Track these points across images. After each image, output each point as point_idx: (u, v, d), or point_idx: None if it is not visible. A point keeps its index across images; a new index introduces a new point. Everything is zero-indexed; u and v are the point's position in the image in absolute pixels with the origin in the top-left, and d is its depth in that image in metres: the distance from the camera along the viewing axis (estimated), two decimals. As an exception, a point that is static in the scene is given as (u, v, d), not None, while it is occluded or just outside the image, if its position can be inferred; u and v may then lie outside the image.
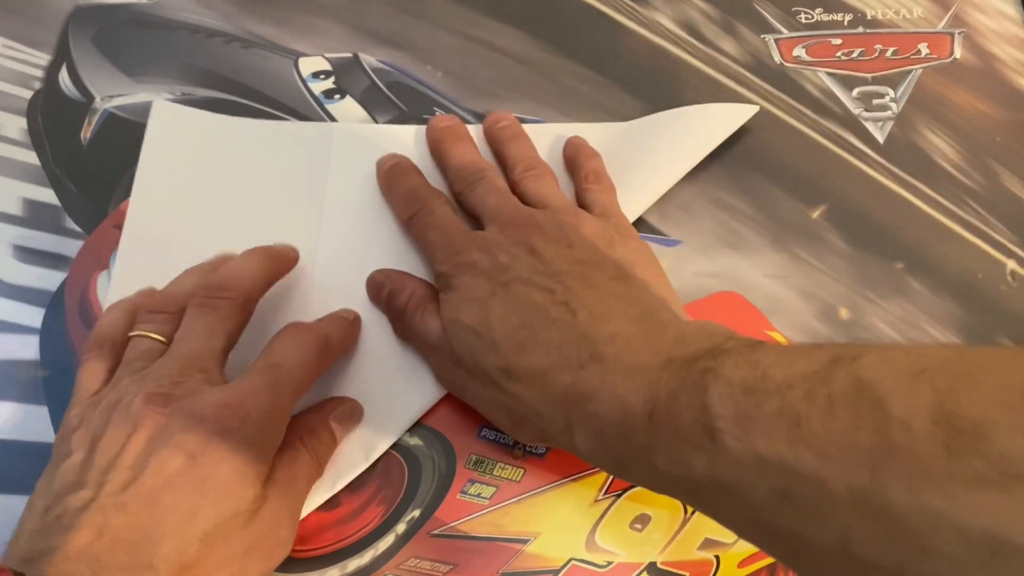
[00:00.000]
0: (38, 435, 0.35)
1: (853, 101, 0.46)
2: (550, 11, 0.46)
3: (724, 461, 0.23)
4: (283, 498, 0.30)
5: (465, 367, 0.33)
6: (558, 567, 0.35)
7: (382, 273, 0.38)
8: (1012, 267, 0.43)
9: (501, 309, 0.32)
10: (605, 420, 0.27)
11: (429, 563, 0.34)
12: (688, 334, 0.28)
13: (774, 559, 0.27)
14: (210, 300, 0.32)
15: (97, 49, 0.43)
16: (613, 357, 0.28)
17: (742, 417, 0.23)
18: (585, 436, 0.29)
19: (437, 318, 0.34)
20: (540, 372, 0.30)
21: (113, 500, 0.26)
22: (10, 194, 0.39)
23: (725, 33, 0.47)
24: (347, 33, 0.44)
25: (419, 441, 0.36)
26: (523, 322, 0.31)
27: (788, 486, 0.22)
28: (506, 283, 0.32)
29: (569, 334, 0.30)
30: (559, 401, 0.29)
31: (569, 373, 0.29)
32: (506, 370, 0.31)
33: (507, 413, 0.33)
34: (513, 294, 0.32)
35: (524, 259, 0.33)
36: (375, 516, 0.35)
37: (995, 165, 0.45)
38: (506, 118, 0.41)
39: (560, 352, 0.30)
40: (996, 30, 0.49)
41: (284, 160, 0.40)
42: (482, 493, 0.35)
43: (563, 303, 0.31)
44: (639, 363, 0.28)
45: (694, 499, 0.26)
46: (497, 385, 0.31)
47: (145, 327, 0.32)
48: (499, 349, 0.31)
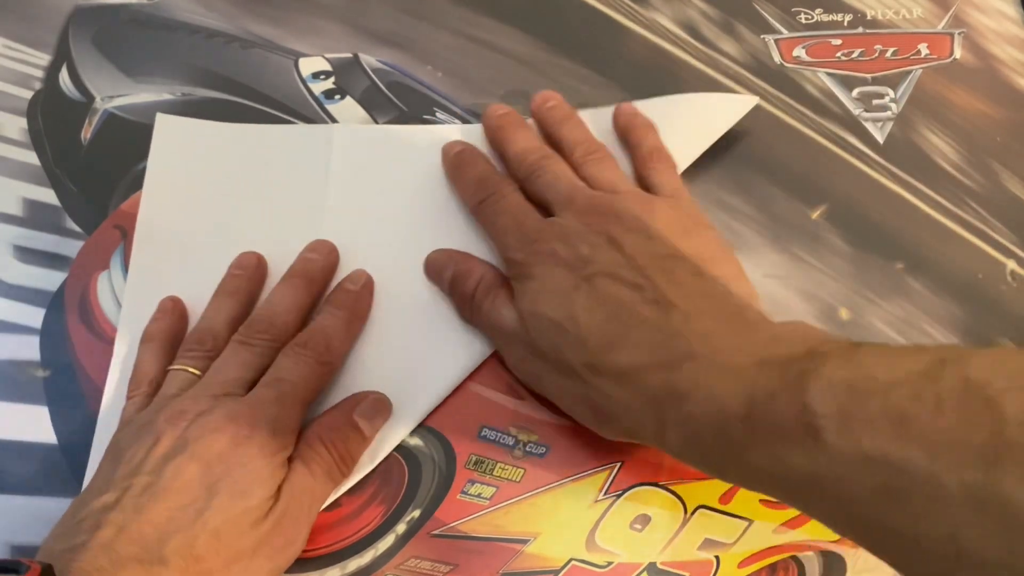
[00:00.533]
0: (38, 435, 0.35)
1: (853, 101, 0.46)
2: (550, 11, 0.46)
3: (825, 458, 0.23)
4: (296, 499, 0.31)
5: (546, 359, 0.33)
6: (558, 567, 0.35)
7: (444, 254, 0.38)
8: (1012, 267, 0.43)
9: (587, 303, 0.31)
10: (700, 421, 0.28)
11: (429, 563, 0.34)
12: (781, 335, 0.28)
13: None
14: (250, 339, 0.34)
15: (97, 49, 0.43)
16: (706, 356, 0.28)
17: (845, 415, 0.23)
18: (678, 436, 0.29)
19: (510, 306, 0.34)
20: (631, 370, 0.30)
21: (133, 502, 0.28)
22: (10, 194, 0.39)
23: (725, 33, 0.47)
24: (347, 33, 0.44)
25: (419, 441, 0.36)
26: (611, 318, 0.31)
27: (894, 483, 0.22)
28: (589, 276, 0.32)
29: (661, 333, 0.30)
30: (651, 400, 0.29)
31: (662, 372, 0.29)
32: (593, 366, 0.31)
33: (592, 409, 0.32)
34: (598, 288, 0.32)
35: (605, 251, 0.32)
36: (375, 516, 0.35)
37: (995, 165, 0.45)
38: (553, 97, 0.41)
39: (652, 351, 0.30)
40: (996, 30, 0.49)
41: (286, 163, 0.41)
42: (482, 493, 0.35)
43: (653, 301, 0.31)
44: (733, 363, 0.28)
45: (792, 497, 0.26)
46: (583, 380, 0.31)
47: (183, 363, 0.34)
48: (586, 344, 0.31)
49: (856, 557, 0.37)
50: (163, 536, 0.28)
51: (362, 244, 0.39)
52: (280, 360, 0.33)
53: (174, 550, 0.28)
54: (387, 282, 0.38)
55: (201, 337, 0.35)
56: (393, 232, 0.39)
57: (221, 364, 0.33)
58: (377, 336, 0.37)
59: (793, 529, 0.36)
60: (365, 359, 0.37)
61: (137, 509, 0.28)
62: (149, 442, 0.30)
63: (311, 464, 0.32)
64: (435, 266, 0.38)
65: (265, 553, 0.30)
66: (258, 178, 0.40)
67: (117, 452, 0.31)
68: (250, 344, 0.34)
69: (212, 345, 0.34)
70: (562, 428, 0.36)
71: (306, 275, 0.37)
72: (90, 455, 0.35)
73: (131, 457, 0.30)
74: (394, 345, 0.37)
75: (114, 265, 0.38)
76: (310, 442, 0.33)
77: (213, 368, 0.33)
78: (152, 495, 0.29)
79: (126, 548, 0.27)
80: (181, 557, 0.28)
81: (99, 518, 0.28)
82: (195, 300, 0.37)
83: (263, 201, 0.40)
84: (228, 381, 0.32)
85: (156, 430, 0.31)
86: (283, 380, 0.32)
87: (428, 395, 0.36)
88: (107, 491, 0.29)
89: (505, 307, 0.34)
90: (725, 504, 0.36)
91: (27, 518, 0.34)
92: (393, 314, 0.38)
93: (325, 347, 0.34)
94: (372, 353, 0.37)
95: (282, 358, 0.33)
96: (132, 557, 0.27)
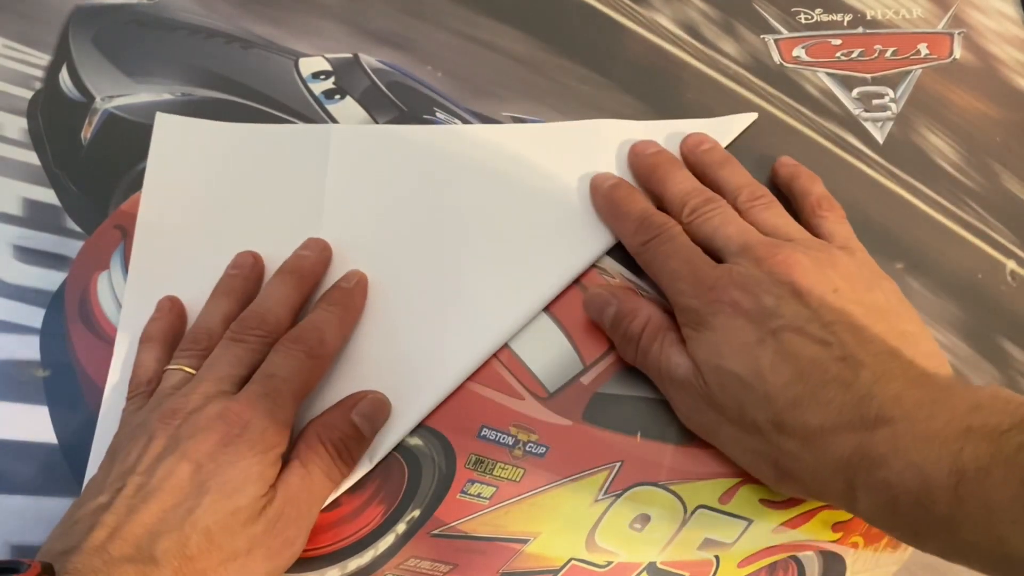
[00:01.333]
0: (38, 435, 0.35)
1: (853, 101, 0.46)
2: (550, 11, 0.46)
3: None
4: (294, 499, 0.31)
5: (725, 413, 0.32)
6: (558, 567, 0.35)
7: (608, 291, 0.37)
8: (1012, 267, 0.43)
9: (772, 359, 0.31)
10: (898, 489, 0.27)
11: (429, 563, 0.34)
12: (982, 402, 0.27)
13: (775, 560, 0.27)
14: (242, 335, 0.34)
15: (97, 49, 0.43)
16: (903, 420, 0.28)
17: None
18: (871, 501, 0.28)
19: (683, 354, 0.33)
20: (819, 431, 0.29)
21: (126, 503, 0.29)
22: (10, 194, 0.39)
23: (725, 33, 0.47)
24: (347, 33, 0.44)
25: (419, 441, 0.36)
26: (799, 375, 0.30)
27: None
28: (775, 331, 0.31)
29: (850, 393, 0.29)
30: (840, 463, 0.29)
31: (853, 435, 0.28)
32: (779, 424, 0.30)
33: (773, 466, 0.32)
34: (785, 344, 0.31)
35: (791, 303, 0.32)
36: (375, 516, 0.35)
37: (995, 165, 0.45)
38: (707, 140, 0.40)
39: (841, 411, 0.29)
40: (996, 30, 0.49)
41: (285, 163, 0.41)
42: (482, 493, 0.35)
43: (841, 359, 0.30)
44: (933, 430, 0.27)
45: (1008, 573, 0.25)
46: (765, 437, 0.31)
47: (179, 362, 0.34)
48: (772, 402, 0.30)
49: (855, 557, 0.37)
50: (154, 536, 0.28)
51: (360, 243, 0.39)
52: (271, 356, 0.33)
53: (165, 550, 0.28)
54: (385, 282, 0.38)
55: (197, 336, 0.35)
56: (391, 232, 0.39)
57: (213, 361, 0.33)
58: (376, 336, 0.37)
59: (793, 529, 0.37)
60: (364, 359, 0.37)
61: (129, 510, 0.28)
62: (143, 442, 0.31)
63: (309, 464, 0.32)
64: (596, 302, 0.37)
65: (261, 553, 0.30)
66: (257, 177, 0.40)
67: (113, 453, 0.31)
68: (242, 340, 0.34)
69: (207, 344, 0.34)
70: (562, 428, 0.36)
71: (298, 272, 0.37)
72: (90, 455, 0.35)
73: (125, 457, 0.30)
74: (393, 345, 0.37)
75: (114, 265, 0.38)
76: (308, 442, 0.33)
77: (205, 365, 0.33)
78: (144, 496, 0.29)
79: (119, 549, 0.27)
80: (173, 557, 0.28)
81: (93, 519, 0.28)
82: (194, 299, 0.37)
83: (262, 200, 0.40)
84: (220, 378, 0.32)
85: (149, 430, 0.31)
86: (274, 376, 0.32)
87: (427, 395, 0.36)
88: (101, 492, 0.29)
89: (677, 354, 0.34)
90: (725, 504, 0.36)
91: (27, 518, 0.34)
92: (392, 314, 0.38)
93: (317, 341, 0.34)
94: (371, 353, 0.37)
95: (273, 354, 0.33)
96: (125, 558, 0.27)
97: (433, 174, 0.40)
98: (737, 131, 0.43)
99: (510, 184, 0.40)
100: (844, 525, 0.37)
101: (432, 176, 0.40)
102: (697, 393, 0.33)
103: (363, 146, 0.41)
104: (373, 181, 0.40)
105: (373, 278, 0.38)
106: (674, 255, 0.35)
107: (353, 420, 0.34)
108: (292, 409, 0.33)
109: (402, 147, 0.41)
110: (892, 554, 0.37)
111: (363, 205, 0.40)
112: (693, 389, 0.33)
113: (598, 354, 0.38)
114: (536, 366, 0.37)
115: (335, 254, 0.38)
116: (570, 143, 0.41)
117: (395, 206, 0.40)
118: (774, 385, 0.30)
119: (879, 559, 0.37)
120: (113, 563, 0.27)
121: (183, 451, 0.30)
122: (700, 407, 0.33)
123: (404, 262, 0.38)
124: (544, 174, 0.41)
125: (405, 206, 0.40)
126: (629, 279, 0.39)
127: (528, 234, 0.39)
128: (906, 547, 0.37)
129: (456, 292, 0.38)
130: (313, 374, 0.34)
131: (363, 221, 0.39)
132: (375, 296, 0.38)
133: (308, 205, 0.40)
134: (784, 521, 0.36)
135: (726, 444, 0.34)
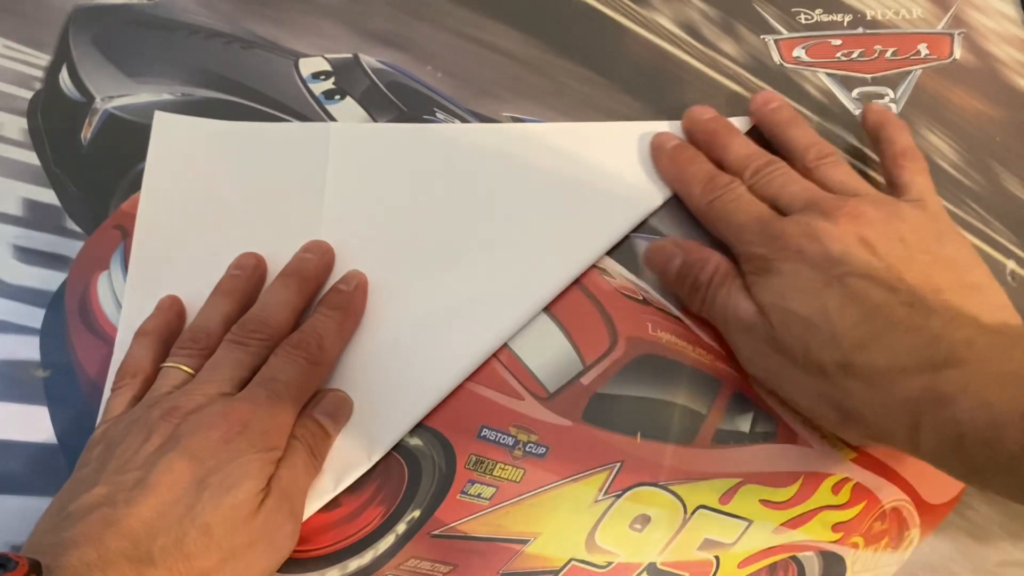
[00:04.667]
0: (38, 435, 0.35)
1: (853, 102, 0.46)
2: (550, 11, 0.46)
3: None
4: (285, 495, 0.31)
5: (790, 356, 0.32)
6: (558, 567, 0.35)
7: (672, 242, 0.38)
8: (1012, 267, 0.43)
9: (839, 302, 0.31)
10: (967, 426, 0.27)
11: (429, 563, 0.34)
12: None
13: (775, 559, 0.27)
14: (244, 339, 0.34)
15: (97, 49, 0.43)
16: (975, 361, 0.28)
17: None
18: (935, 440, 0.28)
19: (748, 298, 0.34)
20: (886, 371, 0.29)
21: (124, 496, 0.28)
22: (10, 194, 0.39)
23: (725, 34, 0.47)
24: (347, 33, 0.44)
25: (419, 441, 0.36)
26: (866, 317, 0.30)
27: None
28: (841, 276, 0.32)
29: (920, 336, 0.29)
30: (907, 403, 0.29)
31: (922, 376, 0.29)
32: (845, 366, 0.30)
33: (836, 409, 0.32)
34: (851, 289, 0.31)
35: (857, 252, 0.32)
36: (375, 516, 0.35)
37: (995, 165, 0.45)
38: (776, 98, 0.40)
39: (910, 353, 0.29)
40: (996, 30, 0.49)
41: (284, 162, 0.41)
42: (482, 493, 0.35)
43: (909, 304, 0.30)
44: (1007, 371, 0.27)
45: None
46: (830, 379, 0.31)
47: (176, 360, 0.34)
48: (839, 343, 0.31)
49: (855, 557, 0.37)
50: (152, 532, 0.28)
51: (360, 242, 0.39)
52: (272, 360, 0.33)
53: (162, 548, 0.28)
54: (385, 280, 0.38)
55: (195, 335, 0.35)
56: (391, 230, 0.39)
57: (215, 363, 0.33)
58: (376, 335, 0.37)
59: (793, 529, 0.37)
60: (364, 358, 0.37)
61: (128, 503, 0.28)
62: (141, 438, 0.30)
63: (291, 457, 0.32)
64: (661, 254, 0.37)
65: (260, 549, 0.30)
66: (257, 176, 0.40)
67: (108, 446, 0.31)
68: (243, 344, 0.34)
69: (206, 343, 0.34)
70: (562, 428, 0.36)
71: (300, 274, 0.37)
72: (90, 455, 0.35)
73: (122, 452, 0.30)
74: (393, 344, 0.37)
75: (114, 265, 0.38)
76: (290, 442, 0.33)
77: (207, 367, 0.33)
78: (142, 490, 0.28)
79: (116, 543, 0.27)
80: (170, 556, 0.27)
81: (89, 512, 0.28)
82: (194, 299, 0.37)
83: (262, 199, 0.40)
84: (221, 380, 0.32)
85: (148, 426, 0.31)
86: (275, 380, 0.33)
87: (427, 395, 0.36)
88: (97, 485, 0.29)
89: (742, 298, 0.34)
90: (725, 504, 0.36)
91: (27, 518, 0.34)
92: (392, 313, 0.38)
93: (317, 347, 0.34)
94: (371, 352, 0.37)
95: (274, 358, 0.33)
96: (121, 553, 0.27)
97: (432, 172, 0.40)
98: None
99: (511, 182, 0.40)
100: (844, 525, 0.37)
101: (430, 174, 0.40)
102: (762, 336, 0.33)
103: (362, 144, 0.41)
104: (372, 179, 0.40)
105: (373, 276, 0.38)
106: (741, 210, 0.36)
107: (316, 418, 0.34)
108: (292, 413, 0.33)
109: (401, 145, 0.41)
110: (892, 554, 0.37)
111: (363, 203, 0.40)
112: (759, 332, 0.33)
113: (598, 354, 0.38)
114: (536, 366, 0.37)
115: (338, 250, 0.38)
116: (570, 143, 0.41)
117: (394, 204, 0.40)
118: (841, 326, 0.31)
119: (879, 559, 0.37)
120: (109, 558, 0.27)
121: (183, 447, 0.30)
122: (764, 350, 0.33)
123: (404, 260, 0.38)
124: (546, 172, 0.41)
125: (404, 204, 0.40)
126: (629, 279, 0.39)
127: (528, 233, 0.39)
128: (906, 547, 0.37)
129: (456, 291, 0.38)
130: (313, 380, 0.34)
131: (363, 219, 0.39)
132: (375, 295, 0.38)
133: (308, 204, 0.40)
134: (784, 521, 0.36)
135: (789, 388, 0.34)
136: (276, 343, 0.34)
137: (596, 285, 0.39)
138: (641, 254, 0.39)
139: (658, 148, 0.40)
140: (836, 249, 0.32)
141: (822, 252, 0.32)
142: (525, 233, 0.39)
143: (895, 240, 0.32)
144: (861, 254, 0.32)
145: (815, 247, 0.33)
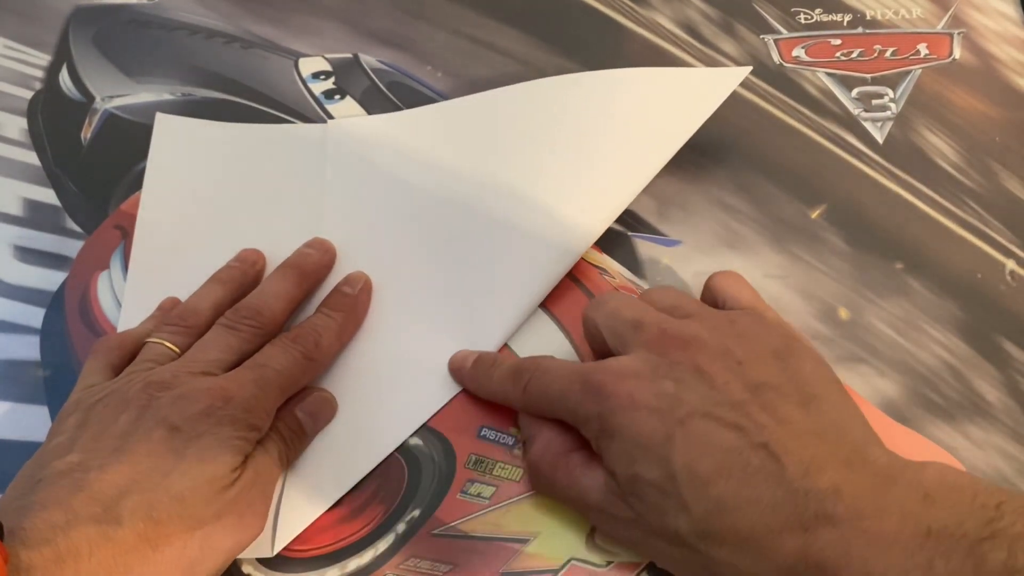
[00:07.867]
0: (38, 435, 0.35)
1: (852, 101, 0.46)
2: (550, 11, 0.46)
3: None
4: (259, 476, 0.31)
5: (647, 529, 0.29)
6: (558, 567, 0.35)
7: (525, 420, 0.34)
8: (1012, 267, 0.43)
9: (684, 457, 0.27)
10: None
11: (429, 563, 0.34)
12: (930, 491, 0.25)
13: None
14: (236, 324, 0.34)
15: (97, 49, 0.43)
16: (846, 519, 0.25)
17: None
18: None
19: (592, 472, 0.30)
20: (752, 536, 0.26)
21: (99, 463, 0.28)
22: (10, 194, 0.39)
23: (724, 33, 0.47)
24: (347, 33, 0.45)
25: (419, 441, 0.36)
26: (717, 472, 0.27)
27: None
28: (682, 420, 0.28)
29: (780, 488, 0.26)
30: (783, 570, 0.26)
31: (793, 538, 0.25)
32: (705, 534, 0.27)
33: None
34: (695, 434, 0.28)
35: (694, 385, 0.29)
36: (375, 516, 0.35)
37: (995, 165, 0.45)
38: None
39: (774, 511, 0.26)
40: (995, 30, 0.49)
41: (285, 162, 0.41)
42: (482, 493, 0.35)
43: (760, 445, 0.27)
44: (886, 531, 0.24)
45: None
46: (692, 549, 0.28)
47: (161, 335, 0.34)
48: (690, 509, 0.27)
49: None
50: (123, 496, 0.27)
51: (362, 242, 0.39)
52: (267, 348, 0.33)
53: (131, 510, 0.27)
54: (386, 278, 0.38)
55: (183, 314, 0.35)
56: (393, 227, 0.39)
57: (203, 344, 0.33)
58: (377, 335, 0.37)
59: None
60: (364, 358, 0.37)
61: (101, 469, 0.28)
62: (119, 409, 0.30)
63: (267, 444, 0.32)
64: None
65: (228, 524, 0.29)
66: (257, 177, 0.40)
67: (84, 415, 0.30)
68: (234, 328, 0.34)
69: (193, 322, 0.34)
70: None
71: (299, 268, 0.37)
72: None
73: (99, 421, 0.30)
74: (394, 344, 0.37)
75: (114, 265, 0.39)
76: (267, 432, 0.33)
77: (195, 347, 0.33)
78: (118, 457, 0.28)
79: (85, 507, 0.27)
80: (139, 519, 0.27)
81: (60, 476, 0.28)
82: None
83: (262, 200, 0.40)
84: (208, 361, 0.32)
85: (128, 396, 0.30)
86: (266, 366, 0.32)
87: (428, 395, 0.36)
88: (71, 452, 0.29)
89: (583, 475, 0.31)
90: (725, 504, 0.36)
91: (27, 518, 0.34)
92: (393, 312, 0.38)
93: (314, 344, 0.34)
94: (371, 352, 0.37)
95: (269, 347, 0.33)
96: (89, 516, 0.26)
97: (430, 154, 0.40)
98: (729, 89, 0.40)
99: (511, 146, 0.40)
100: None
101: (430, 156, 0.40)
102: (617, 510, 0.30)
103: (360, 137, 0.41)
104: (372, 173, 0.40)
105: (375, 274, 0.38)
106: (553, 381, 0.32)
107: (296, 415, 0.34)
108: (277, 400, 0.33)
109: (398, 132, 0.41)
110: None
111: (364, 200, 0.40)
112: (612, 506, 0.30)
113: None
114: (536, 366, 0.37)
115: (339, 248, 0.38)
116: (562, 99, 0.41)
117: (396, 196, 0.40)
118: (691, 488, 0.27)
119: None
120: (76, 520, 0.26)
121: (163, 417, 0.29)
122: (620, 526, 0.30)
123: (406, 260, 0.38)
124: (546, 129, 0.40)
125: (405, 195, 0.40)
126: (629, 279, 0.39)
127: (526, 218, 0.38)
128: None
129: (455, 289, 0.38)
130: (304, 375, 0.34)
131: (363, 217, 0.39)
132: (376, 293, 0.38)
133: (308, 204, 0.40)
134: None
135: (659, 559, 0.31)
136: (267, 332, 0.34)
137: (596, 285, 0.39)
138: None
139: (458, 371, 0.36)
140: (669, 388, 0.29)
141: (654, 391, 0.29)
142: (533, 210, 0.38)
143: (732, 364, 0.29)
144: (699, 388, 0.28)
145: (644, 388, 0.29)
